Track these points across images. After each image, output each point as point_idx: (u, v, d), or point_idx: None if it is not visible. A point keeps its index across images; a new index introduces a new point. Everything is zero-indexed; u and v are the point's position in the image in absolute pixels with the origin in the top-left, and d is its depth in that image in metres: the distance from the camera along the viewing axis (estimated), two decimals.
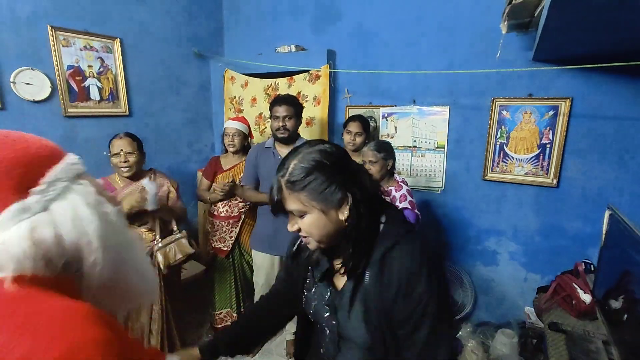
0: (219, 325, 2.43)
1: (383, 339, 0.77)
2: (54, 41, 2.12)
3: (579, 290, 1.63)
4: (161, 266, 1.81)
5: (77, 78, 2.27)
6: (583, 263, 1.83)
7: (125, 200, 1.76)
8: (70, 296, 0.49)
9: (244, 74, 2.98)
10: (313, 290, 0.91)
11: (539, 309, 1.77)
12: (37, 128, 2.10)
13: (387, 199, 1.83)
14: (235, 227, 2.35)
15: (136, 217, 1.84)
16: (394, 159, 1.90)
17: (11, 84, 1.98)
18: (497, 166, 2.28)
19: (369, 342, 0.78)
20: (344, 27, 2.65)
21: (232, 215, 2.33)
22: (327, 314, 0.86)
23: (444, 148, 2.44)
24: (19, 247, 0.45)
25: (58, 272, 0.50)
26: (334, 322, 0.84)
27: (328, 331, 0.88)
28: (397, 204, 1.79)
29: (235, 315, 2.42)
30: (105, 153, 1.87)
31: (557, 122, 2.08)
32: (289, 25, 2.88)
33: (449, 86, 2.35)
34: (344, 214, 0.77)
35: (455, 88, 2.33)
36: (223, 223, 2.34)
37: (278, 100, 2.05)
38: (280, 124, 2.02)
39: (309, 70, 2.66)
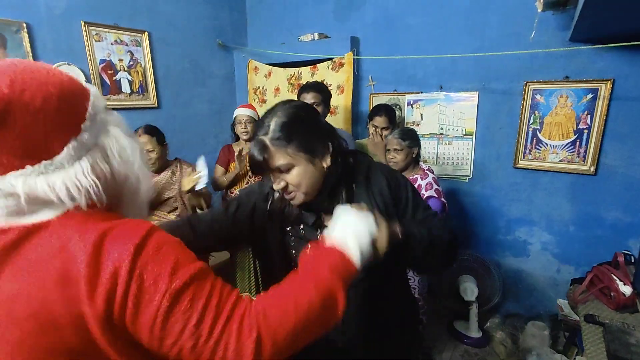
0: None
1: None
2: (87, 36, 2.20)
3: (618, 281, 1.55)
4: None
5: (109, 72, 2.35)
6: (623, 254, 1.74)
7: (185, 181, 1.89)
8: None
9: (267, 64, 2.99)
10: (301, 235, 0.94)
11: (574, 301, 1.70)
12: None
13: None
14: None
15: (164, 203, 1.95)
16: (420, 147, 1.86)
17: None
18: (530, 153, 2.19)
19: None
20: (367, 13, 2.60)
21: None
22: None
23: (472, 135, 2.36)
24: (87, 182, 0.48)
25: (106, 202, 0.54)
26: None
27: None
28: (423, 192, 1.75)
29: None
30: None
31: (596, 106, 1.96)
32: (311, 13, 2.85)
33: (479, 70, 2.26)
34: (327, 162, 0.84)
35: (485, 72, 2.24)
36: None
37: (306, 88, 2.05)
38: None
39: (333, 58, 2.63)
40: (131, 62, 2.45)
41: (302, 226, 0.94)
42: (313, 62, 2.73)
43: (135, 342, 0.48)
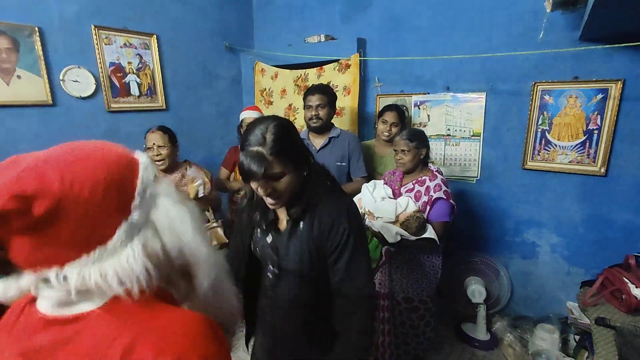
0: None
1: (312, 268, 0.98)
2: (97, 40, 2.23)
3: (630, 284, 1.53)
4: None
5: (118, 74, 2.38)
6: (634, 256, 1.71)
7: (189, 189, 1.93)
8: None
9: (274, 66, 3.01)
10: (259, 235, 1.08)
11: (584, 304, 1.68)
12: (84, 123, 2.24)
13: (422, 188, 1.80)
14: None
15: None
16: (428, 148, 1.85)
17: (61, 82, 2.12)
18: (538, 154, 2.17)
19: (301, 270, 0.99)
20: (374, 14, 2.60)
21: None
22: (270, 251, 1.04)
23: (479, 136, 2.35)
24: (140, 266, 0.46)
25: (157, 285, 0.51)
26: (275, 257, 1.03)
27: (270, 266, 1.05)
28: (431, 193, 1.75)
29: None
30: (144, 146, 1.96)
31: (606, 106, 1.94)
32: (318, 14, 2.86)
33: (486, 71, 2.24)
34: (305, 170, 0.96)
35: (492, 73, 2.23)
36: None
37: (311, 90, 2.07)
38: (313, 113, 2.03)
39: (339, 60, 2.64)
40: (140, 65, 2.48)
41: (258, 230, 1.08)
42: (319, 64, 2.73)
43: None
